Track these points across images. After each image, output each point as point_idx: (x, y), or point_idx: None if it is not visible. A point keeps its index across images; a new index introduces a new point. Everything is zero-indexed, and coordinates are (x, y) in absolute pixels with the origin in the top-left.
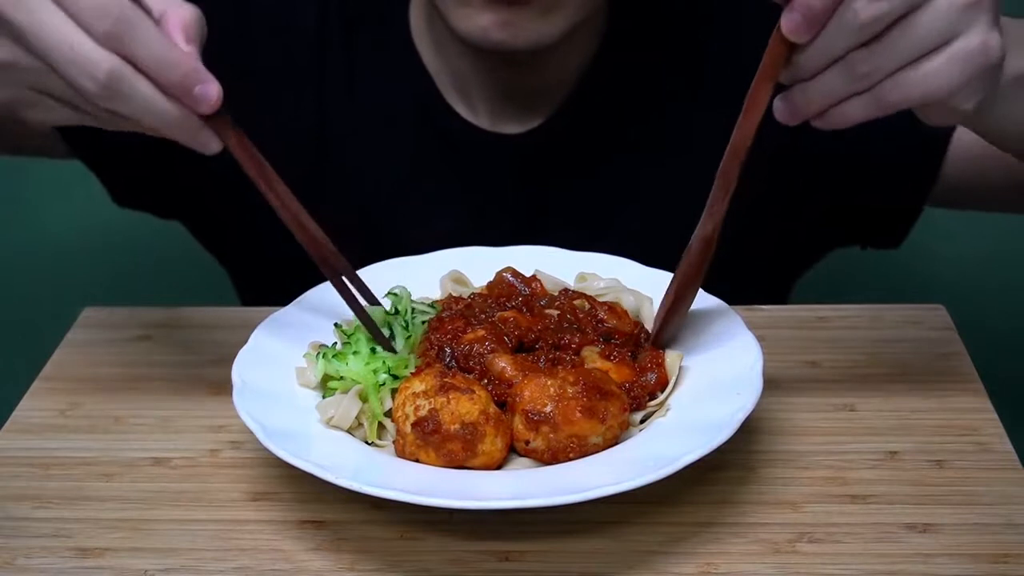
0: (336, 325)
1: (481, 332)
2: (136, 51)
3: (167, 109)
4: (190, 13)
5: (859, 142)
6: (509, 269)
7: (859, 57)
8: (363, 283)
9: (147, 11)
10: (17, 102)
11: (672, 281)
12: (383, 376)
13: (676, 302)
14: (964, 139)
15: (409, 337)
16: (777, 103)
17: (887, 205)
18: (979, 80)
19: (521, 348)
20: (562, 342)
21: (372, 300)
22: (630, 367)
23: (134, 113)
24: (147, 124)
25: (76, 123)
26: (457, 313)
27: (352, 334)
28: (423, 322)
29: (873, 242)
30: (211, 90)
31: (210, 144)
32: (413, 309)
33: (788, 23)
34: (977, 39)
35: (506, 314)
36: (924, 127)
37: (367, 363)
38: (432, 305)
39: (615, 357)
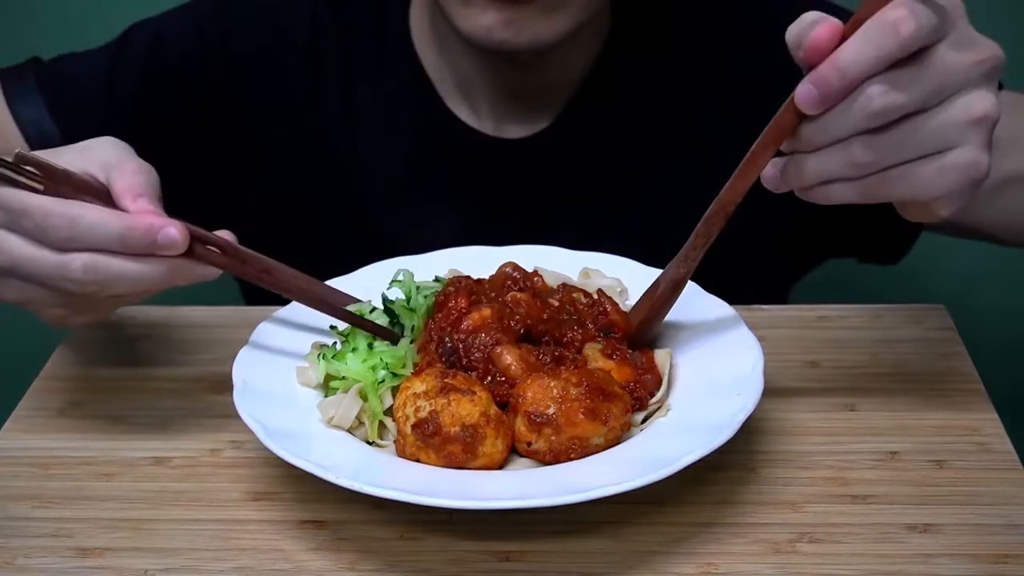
0: (332, 327)
1: (487, 311)
2: (95, 240)
3: (151, 268)
4: (131, 172)
5: None
6: (510, 263)
7: (860, 144)
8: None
9: (91, 191)
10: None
11: (634, 309)
12: (382, 373)
13: (639, 331)
14: None
15: (415, 317)
16: (767, 168)
17: (883, 223)
18: (962, 192)
19: (527, 339)
20: (565, 338)
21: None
22: (632, 366)
23: (128, 286)
24: (144, 288)
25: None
26: (464, 289)
27: (349, 332)
28: (426, 296)
29: (871, 257)
30: (171, 232)
31: (207, 272)
32: (418, 287)
33: (803, 95)
34: (972, 155)
35: (517, 295)
36: None
37: (365, 360)
38: (438, 279)
39: (616, 356)
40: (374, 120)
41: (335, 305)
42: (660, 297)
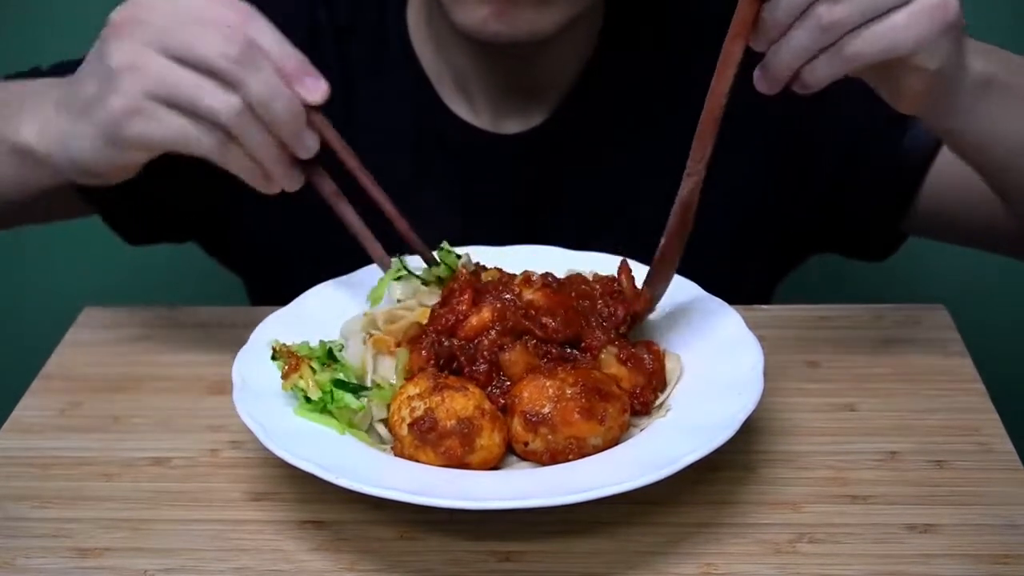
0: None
1: (486, 314)
2: (258, 37)
3: (284, 90)
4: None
5: (848, 151)
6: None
7: (823, 9)
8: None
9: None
10: (128, 111)
11: (661, 241)
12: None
13: (660, 263)
14: (944, 171)
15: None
16: (756, 74)
17: (865, 219)
18: (941, 36)
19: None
20: (583, 343)
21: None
22: (643, 373)
23: (258, 82)
24: (265, 99)
25: (182, 139)
26: (466, 283)
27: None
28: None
29: (856, 253)
30: (322, 82)
31: (309, 140)
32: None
33: None
34: None
35: (533, 297)
36: (907, 153)
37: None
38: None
39: (631, 364)
40: (373, 118)
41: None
42: (674, 222)
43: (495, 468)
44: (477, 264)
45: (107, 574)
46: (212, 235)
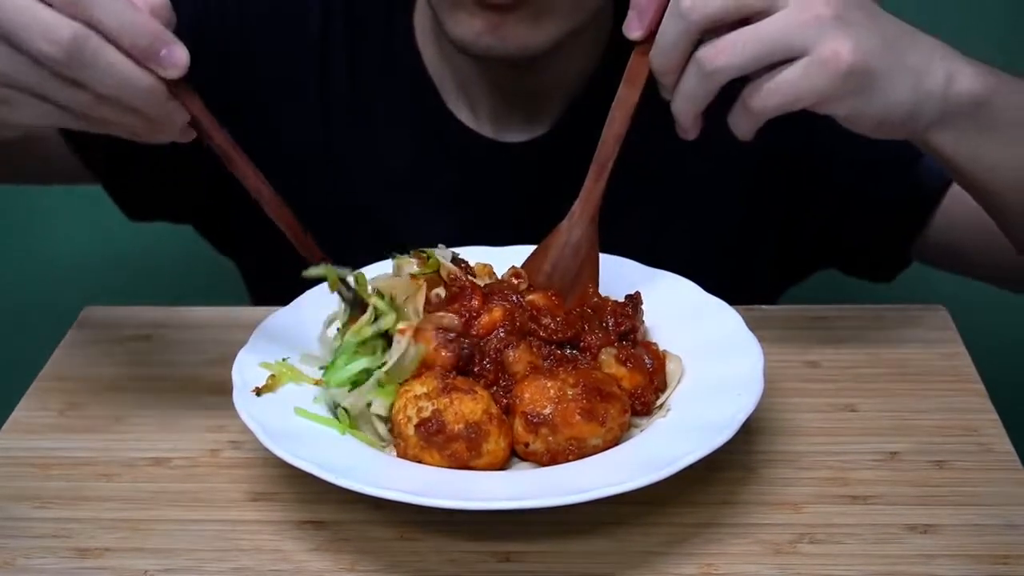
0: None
1: (498, 313)
2: (99, 16)
3: (135, 75)
4: None
5: (857, 180)
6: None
7: (702, 54)
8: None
9: None
10: None
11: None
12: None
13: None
14: (956, 208)
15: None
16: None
17: (871, 244)
18: (840, 86)
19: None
20: (582, 343)
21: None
22: (644, 374)
23: (102, 81)
24: (114, 94)
25: (45, 122)
26: (474, 285)
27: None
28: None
29: (860, 274)
30: (178, 52)
31: (177, 115)
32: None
33: (626, 24)
34: (827, 49)
35: (534, 298)
36: (923, 182)
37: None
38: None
39: (630, 364)
40: (377, 119)
41: (290, 226)
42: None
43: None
44: (460, 259)
45: (107, 574)
46: (210, 216)
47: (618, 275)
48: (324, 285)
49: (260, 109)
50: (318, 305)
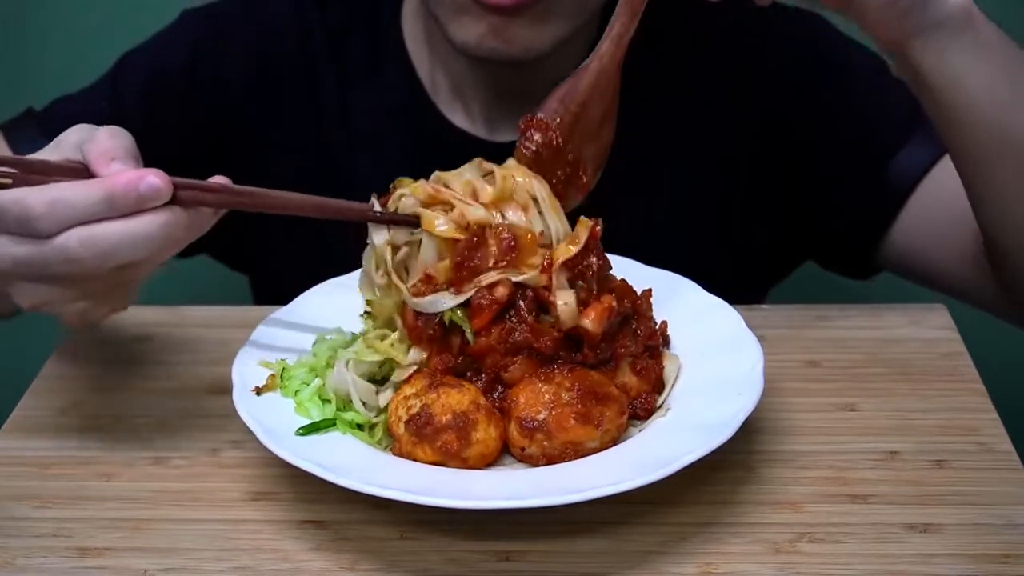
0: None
1: (494, 332)
2: (79, 214)
3: (147, 224)
4: (103, 138)
5: (837, 167)
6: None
7: None
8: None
9: (72, 173)
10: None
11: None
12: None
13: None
14: (920, 210)
15: None
16: None
17: (842, 238)
18: None
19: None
20: (611, 352)
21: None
22: (650, 381)
23: (131, 249)
24: (148, 250)
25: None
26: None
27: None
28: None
29: (834, 268)
30: (152, 180)
31: (201, 219)
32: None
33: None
34: None
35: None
36: (891, 181)
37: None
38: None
39: (642, 375)
40: (368, 123)
41: (337, 207)
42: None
43: (493, 465)
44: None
45: (107, 574)
46: (224, 245)
47: (618, 274)
48: (324, 285)
49: (251, 135)
50: (319, 304)
